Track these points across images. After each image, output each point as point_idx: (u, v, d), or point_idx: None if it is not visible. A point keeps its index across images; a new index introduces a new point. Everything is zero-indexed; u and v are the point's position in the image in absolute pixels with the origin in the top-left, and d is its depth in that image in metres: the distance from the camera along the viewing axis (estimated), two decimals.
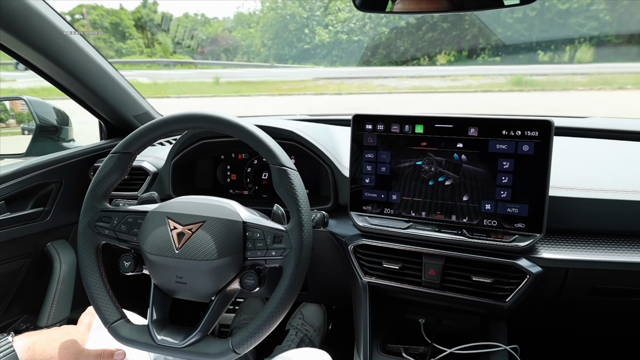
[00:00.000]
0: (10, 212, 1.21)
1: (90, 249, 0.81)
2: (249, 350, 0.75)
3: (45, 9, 1.09)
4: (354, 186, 1.06)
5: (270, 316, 0.74)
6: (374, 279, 1.06)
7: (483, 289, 0.96)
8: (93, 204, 0.82)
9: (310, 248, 0.76)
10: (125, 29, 21.61)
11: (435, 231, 0.99)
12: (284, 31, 21.86)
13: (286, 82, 14.09)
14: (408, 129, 0.99)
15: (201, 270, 0.75)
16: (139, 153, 0.85)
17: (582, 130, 1.28)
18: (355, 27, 20.28)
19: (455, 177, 0.96)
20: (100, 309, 0.80)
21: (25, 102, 1.39)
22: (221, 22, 25.79)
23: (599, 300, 1.00)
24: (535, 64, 14.57)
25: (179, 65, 18.73)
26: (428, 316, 1.14)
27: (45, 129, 1.43)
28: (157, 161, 1.32)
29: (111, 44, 21.02)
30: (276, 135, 0.85)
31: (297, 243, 0.74)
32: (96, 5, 21.86)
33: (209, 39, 22.87)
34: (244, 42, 22.56)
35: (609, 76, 11.88)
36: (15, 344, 0.71)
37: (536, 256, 0.93)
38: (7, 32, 1.05)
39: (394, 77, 13.91)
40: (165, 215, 0.79)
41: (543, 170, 0.89)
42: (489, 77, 13.02)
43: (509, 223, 0.93)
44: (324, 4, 21.29)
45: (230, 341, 0.75)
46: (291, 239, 0.75)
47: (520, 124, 0.89)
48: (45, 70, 1.22)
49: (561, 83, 11.91)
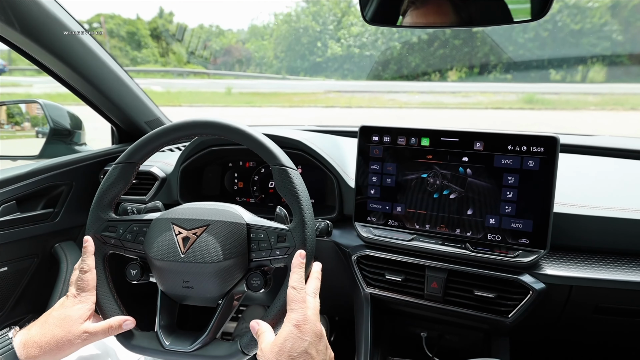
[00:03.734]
0: (20, 212, 1.24)
1: (97, 259, 0.83)
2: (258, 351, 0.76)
3: (63, 14, 1.13)
4: (359, 197, 1.07)
5: (277, 315, 0.75)
6: (376, 290, 1.06)
7: (485, 303, 0.96)
8: (99, 214, 0.84)
9: (314, 245, 0.77)
10: (141, 38, 22.00)
11: (438, 244, 0.99)
12: (297, 44, 22.10)
13: (297, 94, 14.18)
14: (414, 142, 1.00)
15: (207, 273, 0.76)
16: (143, 162, 0.86)
17: (589, 148, 1.28)
18: (368, 42, 20.45)
19: (460, 191, 0.97)
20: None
21: (41, 105, 1.42)
22: (235, 33, 26.15)
23: (603, 319, 0.99)
24: (547, 82, 14.53)
25: (192, 74, 18.98)
26: (430, 330, 1.14)
27: (59, 132, 1.45)
28: (166, 166, 1.34)
29: (127, 53, 21.39)
30: (284, 145, 0.86)
31: (300, 241, 0.75)
32: (114, 15, 22.31)
33: (223, 49, 23.19)
34: (257, 53, 22.83)
35: (621, 96, 11.80)
36: (14, 340, 0.71)
37: (540, 272, 0.93)
38: (26, 36, 1.08)
39: (404, 92, 13.93)
40: (170, 221, 0.80)
41: (548, 186, 0.89)
42: (500, 94, 12.99)
43: (513, 238, 0.93)
44: (337, 18, 21.51)
45: (239, 342, 0.76)
46: (295, 237, 0.76)
47: (526, 139, 0.90)
48: (61, 75, 1.26)
49: (573, 102, 11.85)
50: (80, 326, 0.73)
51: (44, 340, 0.71)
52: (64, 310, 0.74)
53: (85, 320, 0.74)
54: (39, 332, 0.72)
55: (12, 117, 1.62)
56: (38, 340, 0.71)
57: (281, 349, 0.64)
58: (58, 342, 0.71)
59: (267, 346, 0.67)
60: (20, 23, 1.04)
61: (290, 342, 0.64)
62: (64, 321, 0.73)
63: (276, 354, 0.64)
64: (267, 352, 0.65)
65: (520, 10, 0.85)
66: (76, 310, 0.75)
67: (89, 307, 0.76)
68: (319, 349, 0.66)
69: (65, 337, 0.72)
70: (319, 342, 0.67)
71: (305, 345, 0.64)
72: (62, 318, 0.73)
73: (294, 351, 0.64)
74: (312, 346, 0.65)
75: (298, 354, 0.63)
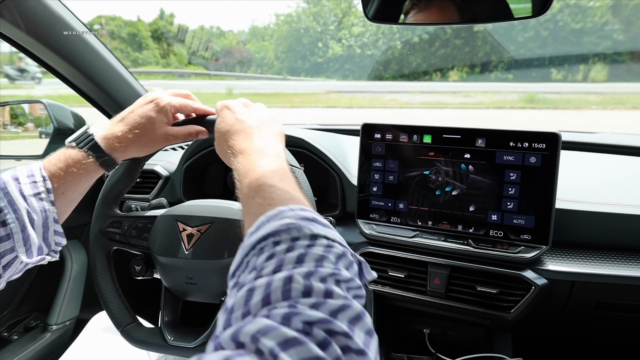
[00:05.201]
0: None
1: (102, 255, 0.83)
2: None
3: (67, 14, 1.13)
4: (361, 194, 1.07)
5: None
6: (379, 287, 1.07)
7: (488, 299, 0.96)
8: (104, 210, 0.85)
9: None
10: (142, 39, 22.05)
11: (441, 240, 1.00)
12: (298, 44, 22.13)
13: (298, 95, 14.20)
14: (416, 139, 1.01)
15: (211, 269, 0.77)
16: (148, 159, 0.87)
17: (591, 145, 1.28)
18: (369, 42, 20.46)
19: (462, 188, 0.97)
20: (113, 312, 0.82)
21: (45, 105, 1.43)
22: (236, 34, 26.18)
23: (605, 314, 0.99)
24: (548, 81, 14.53)
25: (194, 76, 19.02)
26: (433, 327, 1.14)
27: (62, 132, 1.46)
28: (169, 165, 1.35)
29: (128, 54, 21.44)
30: (286, 143, 0.86)
31: None
32: (115, 17, 22.38)
33: (224, 50, 23.22)
34: (258, 54, 22.87)
35: (622, 96, 11.79)
36: (95, 135, 0.70)
37: (542, 268, 0.93)
38: (31, 36, 1.09)
39: (405, 92, 13.94)
40: (174, 218, 0.81)
41: (550, 182, 0.89)
42: (501, 94, 12.99)
43: (515, 234, 0.93)
44: (338, 19, 21.54)
45: None
46: None
47: (527, 136, 0.90)
48: (66, 74, 1.26)
49: (574, 102, 11.84)
50: (162, 128, 0.73)
51: (128, 137, 0.70)
52: (147, 112, 0.72)
53: (166, 124, 0.73)
54: (120, 129, 0.70)
55: (15, 118, 1.63)
56: (121, 136, 0.70)
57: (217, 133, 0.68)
58: (141, 138, 0.71)
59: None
60: (25, 23, 1.05)
61: (219, 125, 0.68)
62: (148, 120, 0.71)
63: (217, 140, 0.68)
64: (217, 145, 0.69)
65: (521, 7, 0.86)
66: (158, 114, 0.72)
67: (168, 116, 0.74)
68: (245, 112, 0.68)
69: (149, 135, 0.72)
70: (246, 106, 0.70)
71: (232, 117, 0.67)
72: (147, 117, 0.72)
73: (223, 127, 0.67)
74: (240, 112, 0.68)
75: (228, 125, 0.66)
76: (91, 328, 0.99)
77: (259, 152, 0.60)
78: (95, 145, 0.68)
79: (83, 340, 0.95)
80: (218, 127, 0.68)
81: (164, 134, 0.73)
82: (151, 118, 0.71)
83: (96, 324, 0.99)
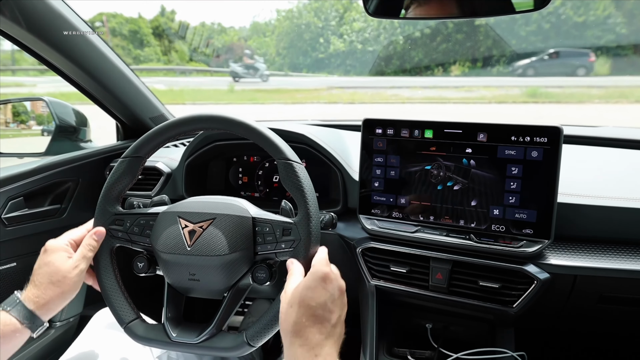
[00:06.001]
0: (28, 209, 1.25)
1: (104, 252, 0.84)
2: (263, 342, 0.77)
3: (68, 11, 1.13)
4: (363, 190, 1.07)
5: None
6: (381, 282, 1.07)
7: (490, 294, 0.96)
8: (106, 208, 0.85)
9: (319, 238, 0.77)
10: (144, 36, 22.01)
11: (443, 235, 1.00)
12: (299, 40, 22.05)
13: (300, 91, 14.16)
14: (418, 134, 1.00)
15: (213, 265, 0.77)
16: (149, 156, 0.87)
17: (593, 138, 1.28)
18: (370, 37, 20.38)
19: (464, 182, 0.97)
20: (116, 309, 0.82)
21: (46, 103, 1.43)
22: (237, 31, 26.10)
23: (607, 308, 0.99)
24: (550, 75, 14.44)
25: (195, 72, 19.00)
26: (435, 321, 1.14)
27: (64, 129, 1.47)
28: (171, 162, 1.35)
29: (129, 51, 21.40)
30: (288, 139, 0.87)
31: (305, 234, 0.76)
32: (116, 14, 22.32)
33: (225, 47, 23.17)
34: (259, 50, 22.80)
35: (625, 89, 11.72)
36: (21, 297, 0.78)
37: (544, 262, 0.93)
38: (32, 33, 1.09)
39: (407, 87, 13.89)
40: (176, 215, 0.81)
41: (552, 176, 0.89)
42: (504, 88, 12.93)
43: (517, 228, 0.93)
44: (339, 14, 21.44)
45: (245, 334, 0.77)
46: (300, 230, 0.76)
47: (529, 130, 0.90)
48: (66, 72, 1.27)
49: (577, 95, 11.77)
50: (71, 273, 0.78)
51: (45, 294, 0.77)
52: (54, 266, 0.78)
53: (74, 269, 0.78)
54: (35, 292, 0.77)
55: (17, 116, 1.63)
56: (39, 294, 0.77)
57: (302, 295, 0.65)
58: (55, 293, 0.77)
59: (290, 289, 0.68)
60: (26, 20, 1.05)
61: (311, 291, 0.65)
62: (55, 276, 0.77)
63: (298, 299, 0.65)
64: (289, 296, 0.67)
65: (523, 0, 0.85)
66: (68, 265, 0.78)
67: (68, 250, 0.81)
68: (335, 303, 0.66)
69: (61, 288, 0.77)
70: (341, 296, 0.68)
71: (326, 297, 0.65)
72: (47, 264, 0.79)
73: (314, 300, 0.64)
74: (333, 300, 0.66)
75: (318, 305, 0.64)
76: (94, 324, 0.99)
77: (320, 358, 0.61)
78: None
79: (86, 336, 0.96)
80: (305, 294, 0.66)
81: (72, 265, 0.78)
82: (51, 262, 0.78)
83: (99, 321, 0.99)
